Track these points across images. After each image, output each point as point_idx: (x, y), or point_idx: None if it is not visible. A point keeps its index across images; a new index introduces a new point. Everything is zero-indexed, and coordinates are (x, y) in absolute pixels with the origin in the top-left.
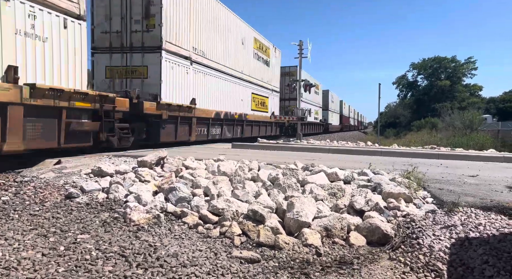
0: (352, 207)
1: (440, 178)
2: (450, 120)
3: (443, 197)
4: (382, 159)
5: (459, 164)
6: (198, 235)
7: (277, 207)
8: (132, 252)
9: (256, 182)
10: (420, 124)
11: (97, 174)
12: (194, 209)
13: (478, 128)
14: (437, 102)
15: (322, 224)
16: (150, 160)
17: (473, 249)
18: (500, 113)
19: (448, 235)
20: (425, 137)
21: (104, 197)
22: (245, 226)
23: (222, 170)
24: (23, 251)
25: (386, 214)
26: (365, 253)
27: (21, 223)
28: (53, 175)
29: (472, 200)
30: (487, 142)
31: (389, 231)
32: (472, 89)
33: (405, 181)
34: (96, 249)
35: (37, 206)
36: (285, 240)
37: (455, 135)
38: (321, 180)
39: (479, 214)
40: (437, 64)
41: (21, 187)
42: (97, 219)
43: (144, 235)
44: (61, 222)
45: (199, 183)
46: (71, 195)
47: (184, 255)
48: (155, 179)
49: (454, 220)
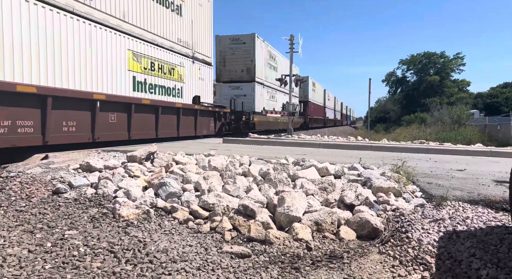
0: (342, 202)
1: (429, 172)
2: (439, 115)
3: (432, 191)
4: (372, 153)
5: (447, 158)
6: (189, 230)
7: (268, 201)
8: (121, 248)
9: (247, 177)
10: (410, 119)
11: (85, 169)
12: (185, 204)
13: (466, 123)
14: (427, 97)
15: (312, 219)
16: (139, 154)
17: (461, 242)
18: (487, 109)
19: (436, 228)
20: (414, 132)
21: (93, 193)
22: (235, 221)
23: (212, 165)
24: (9, 248)
25: (376, 208)
26: (355, 247)
27: (7, 219)
28: (40, 170)
29: (460, 193)
30: (474, 137)
31: (379, 225)
32: (460, 84)
33: (394, 175)
34: (84, 245)
35: (23, 202)
36: (276, 235)
37: (443, 130)
38: (312, 175)
39: (466, 208)
40: (426, 60)
41: (6, 182)
42: (86, 214)
43: (133, 231)
44: (48, 217)
45: (190, 178)
46: (58, 190)
47: (174, 250)
48: (145, 174)
49: (443, 214)
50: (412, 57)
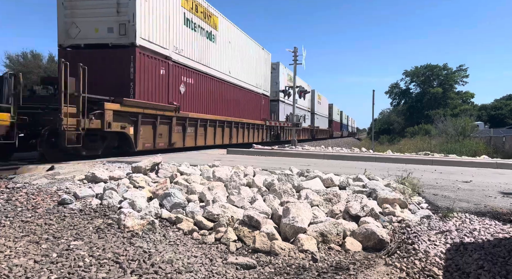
0: (347, 213)
1: (435, 184)
2: (443, 127)
3: (438, 202)
4: (377, 164)
5: (452, 170)
6: (193, 241)
7: (272, 212)
8: (126, 259)
9: (251, 188)
10: (414, 131)
11: (91, 180)
12: (189, 215)
13: (470, 135)
14: (430, 109)
15: (318, 230)
16: (144, 165)
17: (469, 254)
18: (491, 120)
19: (443, 240)
20: (418, 144)
21: (98, 203)
22: (240, 231)
23: (217, 176)
24: (15, 258)
25: (382, 219)
26: (361, 259)
27: (13, 229)
28: (46, 181)
29: (466, 205)
30: (479, 149)
31: (385, 237)
32: (464, 96)
33: (400, 186)
34: (89, 255)
35: (29, 213)
36: (281, 246)
37: (448, 142)
38: (317, 186)
39: (473, 220)
40: (429, 72)
41: (13, 193)
42: (91, 225)
43: (138, 241)
44: (54, 228)
45: (194, 189)
46: (64, 201)
47: (179, 261)
48: (150, 185)
49: (449, 225)
50: (416, 69)
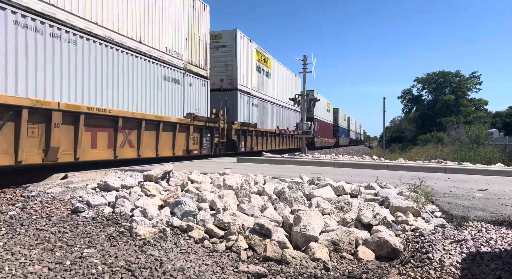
0: (359, 221)
1: (448, 192)
2: (456, 134)
3: (452, 211)
4: (389, 172)
5: (467, 178)
6: (204, 249)
7: (283, 220)
8: (138, 267)
9: (262, 196)
10: (426, 138)
11: (103, 188)
12: (200, 223)
13: (484, 142)
14: (442, 116)
15: (329, 238)
16: (155, 174)
17: (485, 264)
18: (506, 128)
19: (458, 249)
20: (431, 152)
21: (110, 211)
22: (251, 240)
23: (227, 184)
24: (30, 266)
25: (395, 228)
26: (374, 268)
27: (28, 237)
28: (59, 189)
29: (482, 214)
30: (494, 156)
31: (398, 245)
32: (477, 103)
33: (412, 194)
34: (102, 263)
35: (43, 221)
36: (292, 255)
37: (461, 150)
38: (328, 194)
39: (489, 228)
40: (442, 79)
41: (28, 202)
42: (103, 233)
43: (150, 249)
44: (67, 236)
45: (205, 197)
46: (77, 209)
47: (191, 269)
48: (161, 193)
49: (464, 234)
50: (428, 76)
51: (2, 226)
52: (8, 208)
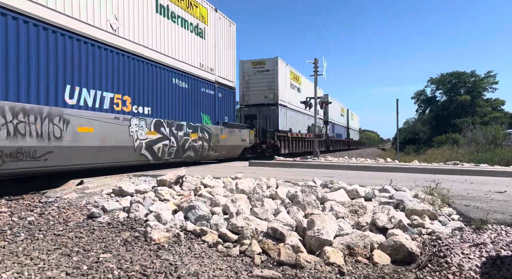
0: (374, 225)
1: (465, 194)
2: (472, 135)
3: (470, 213)
4: (403, 175)
5: (484, 179)
6: (218, 253)
7: (297, 224)
8: (153, 271)
9: (274, 200)
10: (441, 140)
11: (118, 193)
12: (214, 227)
13: (502, 143)
14: (457, 117)
15: (344, 242)
16: (169, 179)
17: (506, 268)
18: None
19: (478, 253)
20: (446, 153)
21: (125, 216)
22: (265, 244)
23: (240, 188)
24: (48, 271)
25: (410, 231)
26: (390, 272)
27: (46, 242)
28: (76, 195)
29: (501, 217)
30: None
31: (415, 249)
32: (494, 103)
33: (428, 197)
34: (118, 268)
35: (61, 226)
36: (307, 259)
37: (478, 151)
38: (341, 197)
39: (510, 232)
40: (456, 79)
41: (45, 207)
42: (119, 238)
43: (164, 254)
44: (84, 241)
45: (218, 201)
46: (93, 214)
47: (205, 273)
48: (174, 197)
49: (484, 238)
50: (442, 76)
51: (21, 232)
52: (26, 214)
